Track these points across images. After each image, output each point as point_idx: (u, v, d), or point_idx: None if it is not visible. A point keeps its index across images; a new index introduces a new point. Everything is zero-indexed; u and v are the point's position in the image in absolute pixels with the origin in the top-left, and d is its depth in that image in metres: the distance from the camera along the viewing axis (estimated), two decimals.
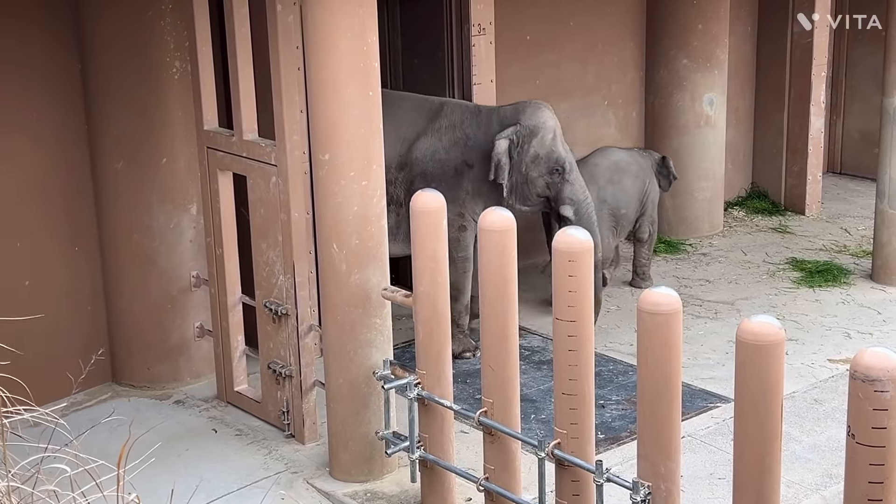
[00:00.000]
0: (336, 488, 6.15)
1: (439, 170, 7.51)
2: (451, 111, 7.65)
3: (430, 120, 7.61)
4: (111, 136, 7.10)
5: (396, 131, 7.50)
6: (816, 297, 8.85)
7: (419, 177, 7.51)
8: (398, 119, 7.56)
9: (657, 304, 4.55)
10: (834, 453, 6.37)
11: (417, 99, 7.81)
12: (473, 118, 7.63)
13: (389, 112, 7.28)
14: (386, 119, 7.27)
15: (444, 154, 7.54)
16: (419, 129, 7.62)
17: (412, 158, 7.55)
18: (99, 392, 7.29)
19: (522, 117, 7.53)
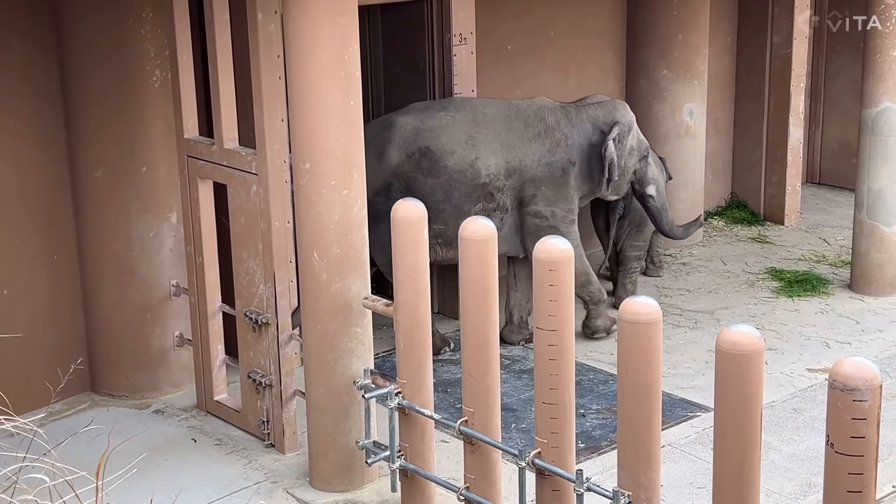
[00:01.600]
0: (316, 498, 6.14)
1: (547, 172, 7.80)
2: (542, 115, 7.90)
3: (526, 124, 7.84)
4: (91, 143, 7.07)
5: (497, 138, 7.74)
6: (795, 306, 8.88)
7: (529, 182, 7.76)
8: (493, 125, 7.77)
9: (637, 313, 4.57)
10: (813, 462, 6.40)
11: (501, 103, 7.97)
12: (566, 118, 7.94)
13: (480, 119, 7.67)
14: (480, 126, 7.63)
15: (549, 157, 7.82)
16: (518, 134, 7.80)
17: (521, 165, 7.76)
18: (77, 401, 7.25)
19: (618, 115, 8.06)
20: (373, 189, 7.31)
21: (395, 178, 7.58)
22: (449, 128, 7.65)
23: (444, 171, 7.58)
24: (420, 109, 7.80)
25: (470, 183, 7.60)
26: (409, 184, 7.55)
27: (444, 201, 7.58)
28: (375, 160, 7.50)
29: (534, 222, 7.76)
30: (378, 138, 7.61)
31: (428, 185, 7.55)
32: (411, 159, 7.58)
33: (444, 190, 7.58)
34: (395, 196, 7.17)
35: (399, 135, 7.62)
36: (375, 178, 7.45)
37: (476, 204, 7.63)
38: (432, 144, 7.59)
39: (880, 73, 8.75)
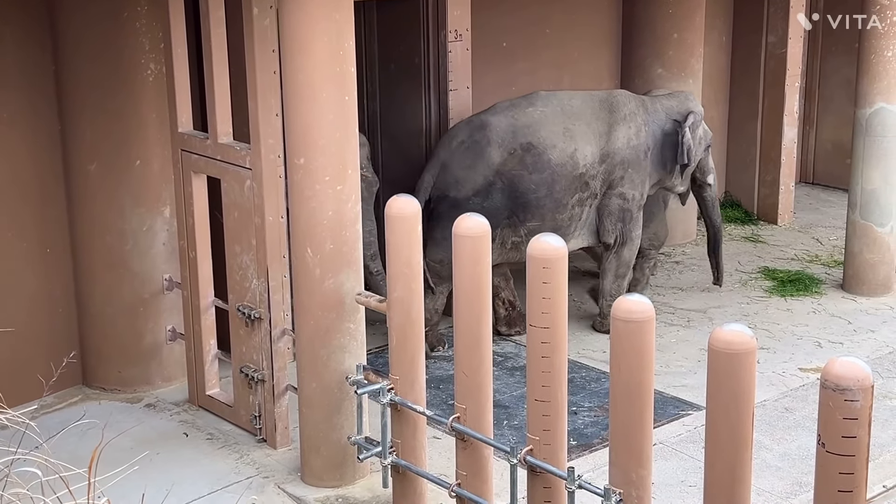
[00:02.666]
0: (307, 493, 6.14)
1: (633, 155, 8.10)
2: (623, 102, 8.16)
3: (611, 111, 8.08)
4: (84, 137, 7.06)
5: (589, 127, 7.96)
6: (788, 306, 8.90)
7: (618, 165, 8.05)
8: (582, 116, 7.98)
9: (630, 311, 4.57)
10: (804, 462, 6.41)
11: (584, 95, 8.20)
12: (642, 106, 8.25)
13: (569, 111, 7.87)
14: (571, 118, 7.84)
15: (635, 140, 8.11)
16: (607, 121, 8.03)
17: (612, 149, 8.01)
18: (69, 395, 7.23)
19: (691, 105, 8.42)
20: (471, 189, 7.63)
21: (497, 178, 7.66)
22: (545, 122, 7.82)
23: (547, 165, 7.72)
24: (507, 107, 7.92)
25: (570, 175, 7.80)
26: (513, 181, 7.67)
27: (546, 196, 7.72)
28: (471, 161, 7.68)
29: (617, 203, 8.08)
30: (470, 140, 7.72)
31: (532, 181, 7.68)
32: (514, 156, 7.69)
33: (546, 185, 7.71)
34: (495, 195, 7.59)
35: (496, 134, 7.72)
36: (474, 179, 7.64)
37: (573, 195, 7.85)
38: (534, 140, 7.74)
39: (875, 74, 8.76)
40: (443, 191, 7.71)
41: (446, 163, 7.73)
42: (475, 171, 7.65)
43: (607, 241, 8.16)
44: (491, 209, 7.46)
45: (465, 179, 7.64)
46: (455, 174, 7.68)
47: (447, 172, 7.71)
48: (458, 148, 7.74)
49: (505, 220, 7.67)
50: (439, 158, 7.78)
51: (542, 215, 7.73)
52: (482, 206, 7.45)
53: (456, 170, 7.68)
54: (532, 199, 7.60)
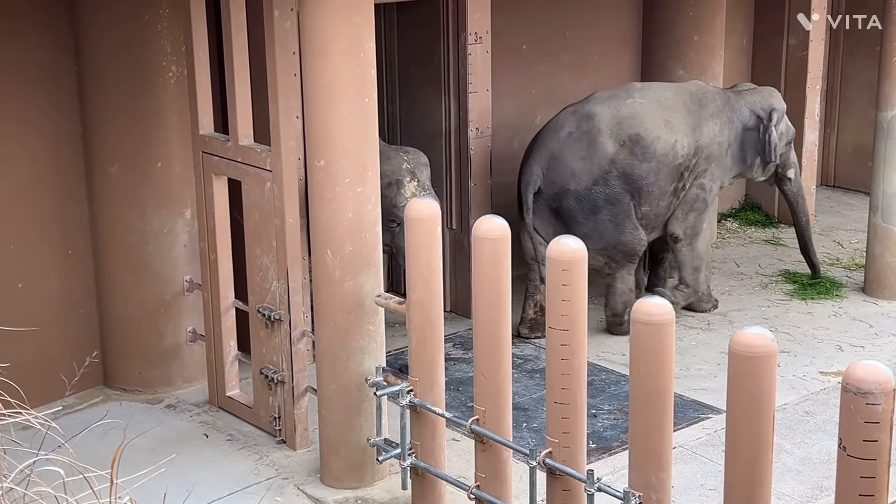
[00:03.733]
0: (327, 495, 6.15)
1: (718, 150, 8.36)
2: (711, 97, 8.43)
3: (701, 105, 8.34)
4: (106, 139, 7.09)
5: (684, 120, 8.20)
6: (809, 309, 8.86)
7: (704, 159, 8.28)
8: (677, 108, 8.22)
9: (650, 314, 4.56)
10: (825, 466, 6.38)
11: (675, 87, 8.49)
12: (727, 102, 8.48)
13: (665, 104, 8.13)
14: (668, 110, 8.09)
15: (720, 136, 8.36)
16: (698, 115, 8.29)
17: (702, 143, 8.26)
18: (90, 395, 7.27)
19: (774, 101, 8.61)
20: (590, 179, 7.91)
21: (612, 166, 7.92)
22: (646, 113, 8.06)
23: (654, 155, 7.97)
24: (607, 98, 8.16)
25: (671, 164, 8.06)
26: (626, 170, 7.92)
27: (653, 184, 8.01)
28: (585, 152, 7.93)
29: (695, 192, 8.31)
30: (579, 131, 7.94)
31: (643, 170, 7.95)
32: (625, 147, 7.92)
33: (654, 173, 7.99)
34: (613, 183, 7.86)
35: (605, 124, 7.96)
36: (591, 169, 7.91)
37: (672, 185, 8.12)
38: (640, 130, 7.97)
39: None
40: (560, 185, 7.95)
41: (557, 154, 7.95)
42: (591, 162, 7.91)
43: (674, 232, 8.38)
44: (614, 195, 7.91)
45: (582, 171, 7.91)
46: (570, 166, 7.93)
47: (560, 164, 7.96)
48: (568, 139, 7.98)
49: (629, 202, 7.99)
50: (547, 149, 7.99)
51: (650, 202, 8.06)
52: (605, 193, 7.89)
53: (570, 161, 7.94)
54: (644, 186, 7.97)
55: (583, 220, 7.91)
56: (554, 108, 9.55)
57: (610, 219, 7.95)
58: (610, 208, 7.93)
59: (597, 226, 7.92)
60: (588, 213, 7.90)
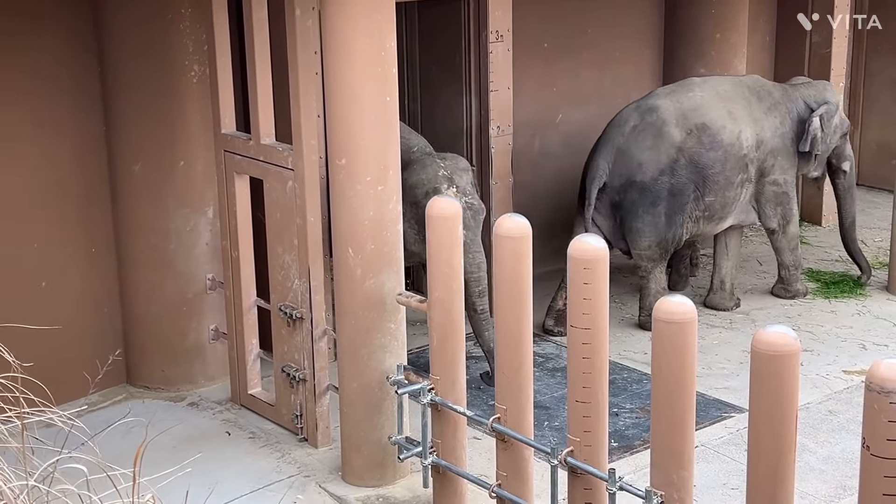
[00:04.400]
0: (348, 493, 6.16)
1: (781, 144, 8.49)
2: (769, 91, 8.60)
3: (759, 99, 8.49)
4: (129, 138, 7.13)
5: (745, 112, 8.35)
6: (832, 308, 8.82)
7: (769, 153, 8.44)
8: (737, 101, 8.38)
9: (672, 312, 4.55)
10: (848, 465, 6.35)
11: (732, 80, 8.65)
12: (785, 95, 8.63)
13: (724, 96, 8.28)
14: (728, 102, 8.25)
15: (781, 128, 8.49)
16: (756, 108, 8.44)
17: (764, 137, 8.39)
18: (114, 393, 7.31)
19: (828, 95, 8.72)
20: (656, 169, 8.02)
21: (679, 155, 8.04)
22: (710, 105, 8.20)
23: (720, 144, 8.12)
24: (668, 93, 8.33)
25: (736, 155, 8.19)
26: (693, 158, 8.06)
27: (720, 173, 8.14)
28: (652, 142, 8.06)
29: (772, 190, 8.47)
30: (643, 123, 8.08)
31: (710, 159, 8.09)
32: (692, 136, 8.05)
33: (720, 162, 8.13)
34: (680, 172, 8.00)
35: (670, 114, 8.10)
36: (658, 158, 8.03)
37: (738, 175, 8.24)
38: (707, 120, 8.12)
39: None
40: (627, 177, 8.05)
41: (622, 148, 8.06)
42: (658, 151, 8.01)
43: (771, 227, 8.64)
44: (678, 186, 8.02)
45: (649, 161, 8.02)
46: (637, 157, 8.03)
47: (626, 157, 8.06)
48: (633, 132, 8.09)
49: (692, 194, 8.09)
50: (613, 144, 8.09)
51: (715, 191, 8.17)
52: (670, 183, 8.01)
53: (636, 153, 8.04)
54: (710, 175, 8.09)
55: (642, 213, 8.02)
56: (575, 106, 9.55)
57: (665, 212, 8.04)
58: (670, 200, 8.02)
59: (653, 220, 8.03)
60: (649, 205, 8.00)
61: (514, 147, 8.61)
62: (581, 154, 9.64)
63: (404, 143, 7.06)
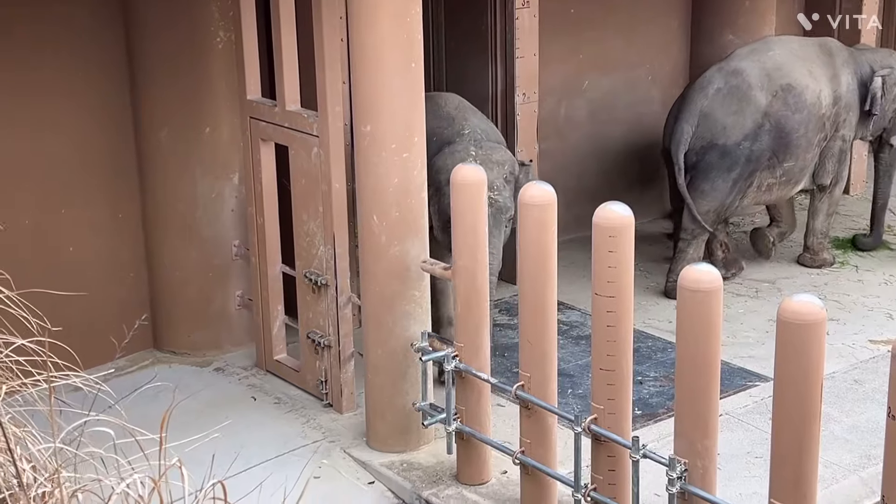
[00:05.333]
0: (373, 458, 6.20)
1: (853, 99, 8.51)
2: (838, 50, 8.61)
3: (831, 56, 8.48)
4: (155, 105, 7.14)
5: (822, 70, 8.36)
6: (859, 277, 8.77)
7: (843, 108, 8.46)
8: (812, 59, 8.37)
9: (698, 281, 4.54)
10: (873, 434, 6.33)
11: (801, 40, 8.75)
12: (853, 58, 8.64)
13: (800, 55, 8.33)
14: (805, 61, 8.27)
15: (853, 84, 8.51)
16: (832, 66, 8.44)
17: (841, 93, 8.42)
18: (140, 358, 7.37)
19: (892, 61, 8.76)
20: (740, 134, 8.03)
21: (765, 119, 8.07)
22: (791, 64, 8.24)
23: (805, 105, 8.14)
24: (748, 53, 8.34)
25: (817, 115, 8.22)
26: (779, 122, 8.08)
27: (803, 136, 8.17)
28: (737, 106, 8.07)
29: (839, 145, 8.49)
30: (727, 86, 8.09)
31: (795, 122, 8.11)
32: (778, 98, 8.07)
33: (804, 124, 8.15)
34: (764, 137, 8.04)
35: (754, 78, 8.12)
36: (743, 123, 8.04)
37: (817, 135, 8.28)
38: (791, 81, 8.15)
39: None
40: (709, 140, 8.06)
41: (707, 111, 8.06)
42: (743, 116, 8.02)
43: (823, 183, 8.57)
44: (757, 152, 8.04)
45: (734, 125, 8.03)
46: (721, 121, 8.04)
47: (710, 121, 8.06)
48: (717, 95, 8.10)
49: (766, 163, 8.12)
50: (696, 107, 8.09)
51: (796, 155, 8.18)
52: (750, 149, 8.03)
53: (721, 117, 8.04)
54: (794, 139, 8.09)
55: (715, 176, 8.04)
56: (601, 73, 9.49)
57: (736, 179, 8.07)
58: (744, 166, 8.05)
59: (723, 185, 8.08)
60: (724, 170, 8.03)
61: (540, 114, 8.57)
62: (607, 122, 9.62)
63: (458, 126, 7.03)
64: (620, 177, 9.68)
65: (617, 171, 9.70)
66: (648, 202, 9.64)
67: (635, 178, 9.77)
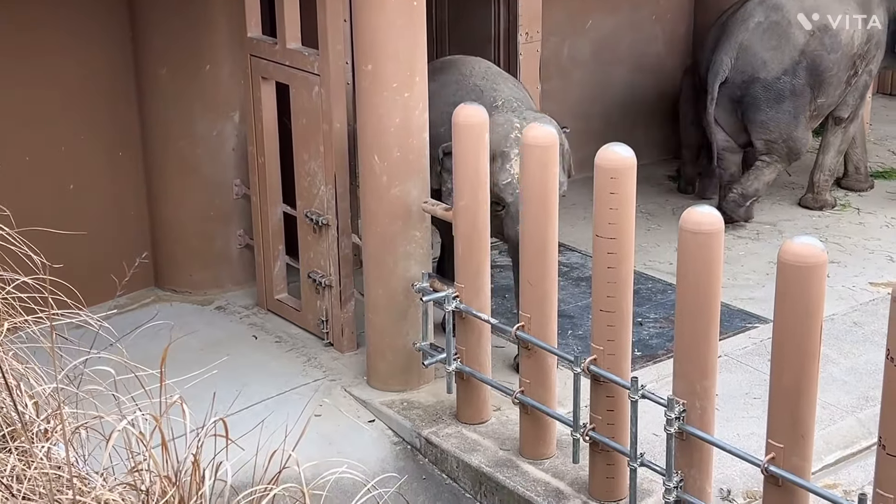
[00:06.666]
0: (373, 397, 6.24)
1: (883, 35, 8.60)
2: None
3: None
4: (155, 42, 7.09)
5: (857, 9, 8.41)
6: (860, 220, 8.76)
7: (875, 45, 8.56)
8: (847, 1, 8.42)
9: (699, 223, 4.53)
10: (871, 376, 6.37)
11: None
12: None
13: None
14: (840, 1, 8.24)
15: (885, 19, 8.60)
16: (867, 6, 8.49)
17: (874, 30, 8.50)
18: (141, 296, 7.39)
19: None
20: (780, 69, 8.21)
21: (802, 57, 8.23)
22: (829, 4, 8.29)
23: (840, 46, 8.27)
24: None
25: (849, 54, 8.35)
26: (815, 61, 8.24)
27: (835, 76, 8.32)
28: (776, 42, 8.23)
29: (864, 80, 8.62)
30: (767, 21, 8.23)
31: (829, 61, 8.26)
32: (815, 37, 8.25)
33: (837, 64, 8.30)
34: (801, 74, 8.23)
35: (794, 14, 8.22)
36: (782, 59, 8.21)
37: (847, 74, 8.42)
38: (827, 21, 8.23)
39: None
40: (750, 73, 8.25)
41: (746, 44, 8.23)
42: (782, 52, 8.20)
43: (842, 115, 8.67)
44: (798, 87, 8.22)
45: (773, 60, 8.21)
46: (761, 55, 8.23)
47: (749, 54, 8.23)
48: (757, 29, 8.23)
49: (809, 96, 8.28)
50: (736, 39, 8.22)
51: (828, 93, 8.35)
52: (791, 83, 8.21)
53: (760, 51, 8.22)
54: (826, 78, 8.26)
55: (766, 107, 8.22)
56: (605, 12, 9.40)
57: (790, 110, 8.23)
58: (793, 100, 8.21)
59: (777, 115, 8.23)
60: (773, 101, 8.20)
61: (543, 54, 8.49)
62: (610, 62, 9.55)
63: (488, 97, 6.40)
64: (623, 118, 9.64)
65: (619, 112, 9.66)
66: (651, 143, 9.61)
67: (638, 118, 9.72)
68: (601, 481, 5.29)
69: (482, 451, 5.70)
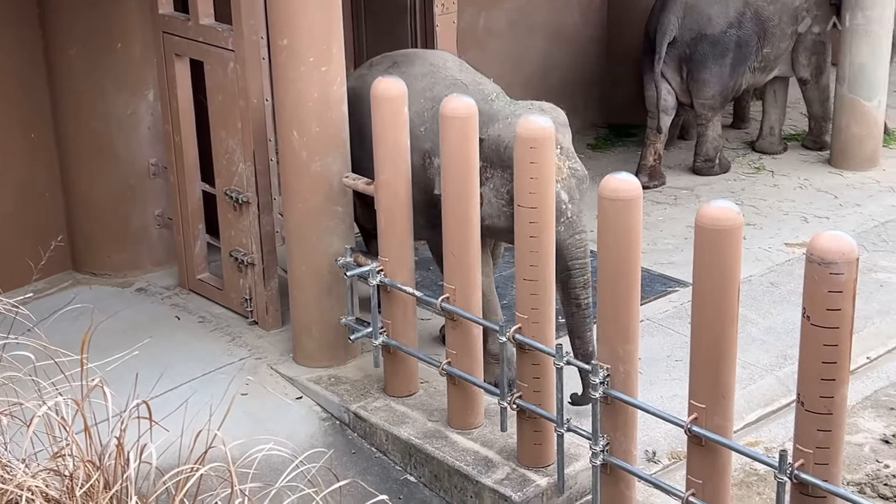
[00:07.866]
0: (300, 374, 6.22)
1: None
2: None
3: None
4: (64, 20, 6.93)
5: None
6: (775, 182, 8.92)
7: (816, 3, 8.92)
8: None
9: (617, 190, 4.58)
10: (789, 335, 6.50)
11: None
12: None
13: None
14: None
15: None
16: None
17: None
18: (59, 280, 7.26)
19: None
20: (725, 23, 8.61)
21: (746, 8, 8.65)
22: None
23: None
24: None
25: (791, 7, 8.81)
26: (758, 12, 8.68)
27: (777, 25, 8.76)
28: None
29: (811, 38, 9.01)
30: None
31: (771, 11, 8.72)
32: None
33: (779, 14, 8.75)
34: (746, 25, 8.65)
35: None
36: (727, 12, 8.61)
37: (791, 27, 8.86)
38: None
39: None
40: (696, 30, 8.62)
41: (691, 3, 8.61)
42: (726, 5, 8.61)
43: (804, 76, 9.14)
44: (745, 38, 8.64)
45: (718, 14, 8.61)
46: (706, 12, 8.62)
47: (695, 12, 8.61)
48: None
49: (754, 46, 8.71)
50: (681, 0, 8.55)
51: (772, 43, 8.80)
52: (737, 35, 8.61)
53: (705, 7, 8.62)
54: (769, 27, 8.71)
55: (711, 64, 8.59)
56: None
57: (731, 62, 8.60)
58: (736, 51, 8.58)
59: (720, 70, 8.60)
60: (718, 56, 8.56)
61: (459, 25, 8.48)
62: (527, 32, 9.57)
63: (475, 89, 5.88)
64: (541, 88, 9.66)
65: (538, 82, 9.68)
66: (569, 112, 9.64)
67: (556, 88, 9.76)
68: (529, 448, 5.34)
69: (411, 423, 5.72)
